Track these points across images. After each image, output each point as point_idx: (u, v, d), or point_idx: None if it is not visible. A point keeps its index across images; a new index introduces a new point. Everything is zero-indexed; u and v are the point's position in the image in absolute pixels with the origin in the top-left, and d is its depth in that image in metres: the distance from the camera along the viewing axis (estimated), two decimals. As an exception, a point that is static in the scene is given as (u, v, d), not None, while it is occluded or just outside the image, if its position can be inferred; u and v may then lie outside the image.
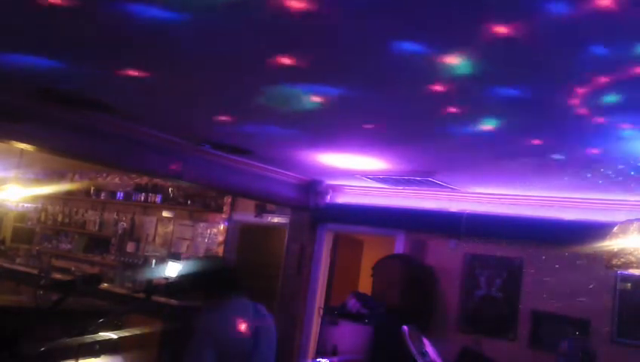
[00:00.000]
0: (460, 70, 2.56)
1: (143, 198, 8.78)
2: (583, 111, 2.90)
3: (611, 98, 2.68)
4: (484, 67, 2.52)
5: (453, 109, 3.16)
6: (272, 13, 2.19)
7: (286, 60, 2.70)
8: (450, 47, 2.37)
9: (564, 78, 2.54)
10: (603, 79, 2.47)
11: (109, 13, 2.41)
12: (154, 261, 8.48)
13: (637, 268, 3.32)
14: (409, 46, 2.38)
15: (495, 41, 2.21)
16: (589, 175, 4.29)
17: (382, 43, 2.39)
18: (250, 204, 7.65)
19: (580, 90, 2.63)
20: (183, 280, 3.33)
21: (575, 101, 2.77)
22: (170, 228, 8.64)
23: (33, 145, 4.58)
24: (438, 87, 2.82)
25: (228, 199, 7.93)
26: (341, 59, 2.66)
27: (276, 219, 7.54)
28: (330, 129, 4.05)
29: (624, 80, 2.44)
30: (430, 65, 2.54)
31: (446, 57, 2.45)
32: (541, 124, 3.31)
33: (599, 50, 2.20)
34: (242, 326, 2.98)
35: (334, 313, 5.93)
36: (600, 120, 3.02)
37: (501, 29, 2.11)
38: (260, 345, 3.00)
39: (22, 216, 10.79)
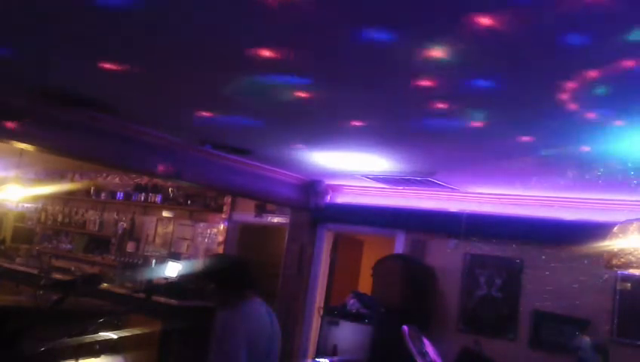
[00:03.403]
0: (442, 63, 2.52)
1: (143, 198, 8.78)
2: (573, 106, 2.87)
3: (601, 91, 2.64)
4: (467, 59, 2.48)
5: (440, 105, 3.13)
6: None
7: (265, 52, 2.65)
8: (431, 39, 2.33)
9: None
10: (592, 73, 2.44)
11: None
12: (154, 261, 8.48)
13: (637, 268, 3.32)
14: (385, 36, 2.33)
15: (478, 32, 2.18)
16: (587, 176, 4.29)
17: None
18: (250, 204, 7.65)
19: (570, 85, 2.61)
20: (200, 277, 3.30)
21: (564, 96, 2.75)
22: (170, 228, 8.64)
23: (33, 145, 4.57)
24: (423, 82, 2.80)
25: (228, 199, 7.92)
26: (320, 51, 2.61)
27: (276, 219, 7.54)
28: (322, 125, 4.04)
29: (613, 74, 2.40)
30: (410, 57, 2.51)
31: (426, 50, 2.42)
32: (529, 120, 3.28)
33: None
34: (265, 327, 3.00)
35: (334, 313, 5.94)
36: (591, 115, 2.99)
37: (484, 20, 2.09)
38: (274, 345, 3.04)
39: (22, 216, 10.79)
